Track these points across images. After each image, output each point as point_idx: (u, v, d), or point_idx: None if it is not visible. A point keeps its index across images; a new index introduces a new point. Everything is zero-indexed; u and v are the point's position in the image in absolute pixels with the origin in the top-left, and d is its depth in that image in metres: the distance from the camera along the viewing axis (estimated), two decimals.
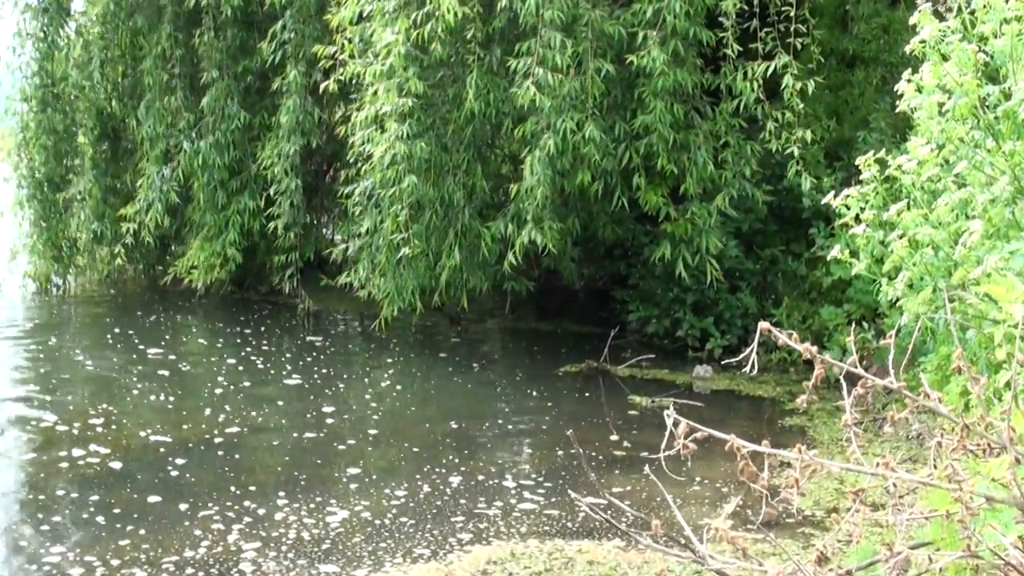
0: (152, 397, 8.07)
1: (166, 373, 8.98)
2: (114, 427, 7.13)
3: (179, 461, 6.37)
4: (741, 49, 8.42)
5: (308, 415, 7.62)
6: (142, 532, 5.26)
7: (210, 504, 5.64)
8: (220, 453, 6.57)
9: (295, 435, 7.08)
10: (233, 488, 5.91)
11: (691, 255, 8.90)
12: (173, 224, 12.84)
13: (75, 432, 7.00)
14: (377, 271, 9.23)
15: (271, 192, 11.46)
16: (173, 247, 13.82)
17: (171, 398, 8.08)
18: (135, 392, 8.24)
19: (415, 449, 6.87)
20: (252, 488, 5.93)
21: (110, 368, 9.15)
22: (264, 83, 12.01)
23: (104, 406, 7.69)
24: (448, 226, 9.09)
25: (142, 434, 6.97)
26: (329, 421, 7.46)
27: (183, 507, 5.60)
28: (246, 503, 5.69)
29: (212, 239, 11.97)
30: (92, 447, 6.62)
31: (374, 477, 6.24)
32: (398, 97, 8.37)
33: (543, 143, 8.07)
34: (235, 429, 7.15)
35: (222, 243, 11.83)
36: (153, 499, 5.72)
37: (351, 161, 9.66)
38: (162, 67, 12.28)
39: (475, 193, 9.24)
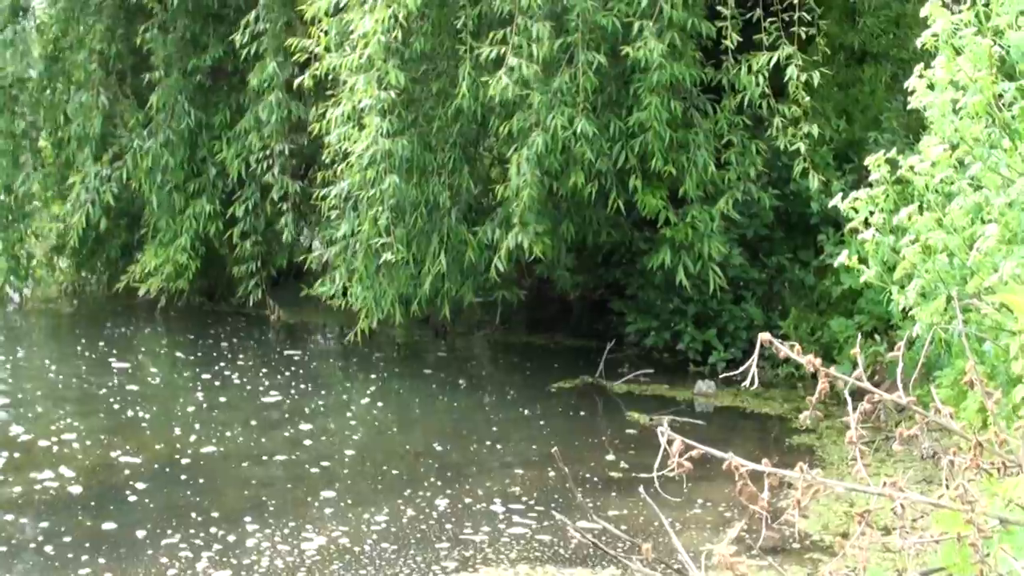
0: (118, 414, 8.04)
1: (135, 388, 8.95)
2: (76, 445, 7.10)
3: (140, 485, 6.33)
4: (742, 40, 8.42)
5: (283, 434, 7.60)
6: (101, 561, 5.23)
7: (171, 531, 5.60)
8: (184, 476, 6.54)
9: (267, 456, 7.05)
10: (195, 514, 5.88)
11: (692, 262, 8.90)
12: (134, 231, 12.79)
13: (37, 451, 6.97)
14: (354, 279, 9.17)
15: (232, 196, 11.37)
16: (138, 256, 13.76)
17: (139, 415, 8.05)
18: (101, 408, 8.21)
19: (396, 471, 6.86)
20: (216, 514, 5.90)
21: (74, 383, 9.12)
22: (218, 80, 11.98)
23: (68, 421, 7.66)
24: (432, 230, 9.05)
25: (105, 454, 6.94)
26: (306, 442, 7.44)
27: (141, 534, 5.56)
28: (213, 529, 5.67)
29: (166, 245, 11.94)
30: (48, 470, 6.58)
31: (350, 501, 6.22)
32: (378, 90, 8.35)
33: (531, 140, 8.07)
34: (205, 449, 7.13)
35: (175, 249, 11.78)
36: (108, 526, 5.68)
37: (327, 161, 9.64)
38: (99, 63, 12.23)
39: (461, 195, 9.23)
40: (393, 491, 6.42)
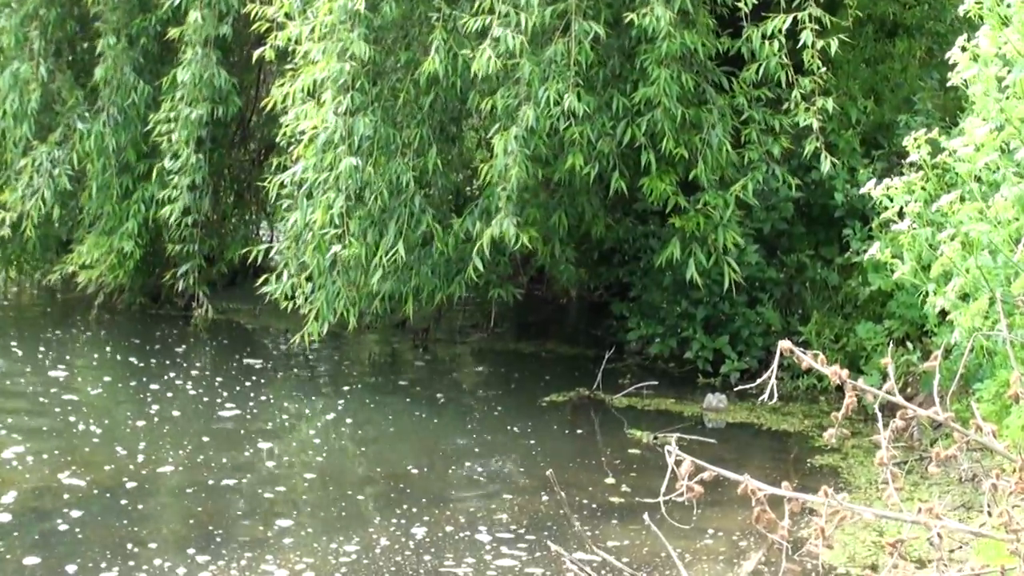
0: (59, 430, 7.98)
1: (75, 399, 8.89)
2: (11, 467, 7.03)
3: (76, 513, 6.25)
4: (757, 2, 8.32)
5: (239, 454, 7.55)
6: None
7: (105, 565, 5.53)
8: (126, 502, 6.47)
9: (219, 479, 6.99)
10: (134, 545, 5.79)
11: (705, 255, 8.86)
12: (67, 219, 12.66)
13: None
14: (303, 276, 9.06)
15: (167, 170, 11.09)
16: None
17: (81, 431, 7.99)
18: (39, 423, 8.14)
19: (364, 496, 6.81)
20: (155, 545, 5.82)
21: (6, 393, 9.04)
22: (168, 47, 11.76)
23: (1, 436, 7.61)
24: (390, 218, 8.88)
25: (41, 475, 6.88)
26: (268, 464, 7.39)
27: (71, 570, 5.49)
28: (156, 562, 5.60)
29: (110, 233, 11.84)
30: None
31: (314, 530, 6.17)
32: (338, 62, 8.28)
33: (520, 116, 8.02)
34: (152, 470, 7.07)
35: (119, 236, 11.68)
36: (32, 560, 5.61)
37: (283, 144, 9.57)
38: (38, 28, 12.08)
39: (431, 179, 9.12)
40: (363, 519, 6.38)
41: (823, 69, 8.21)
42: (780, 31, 8.21)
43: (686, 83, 8.39)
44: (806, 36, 8.07)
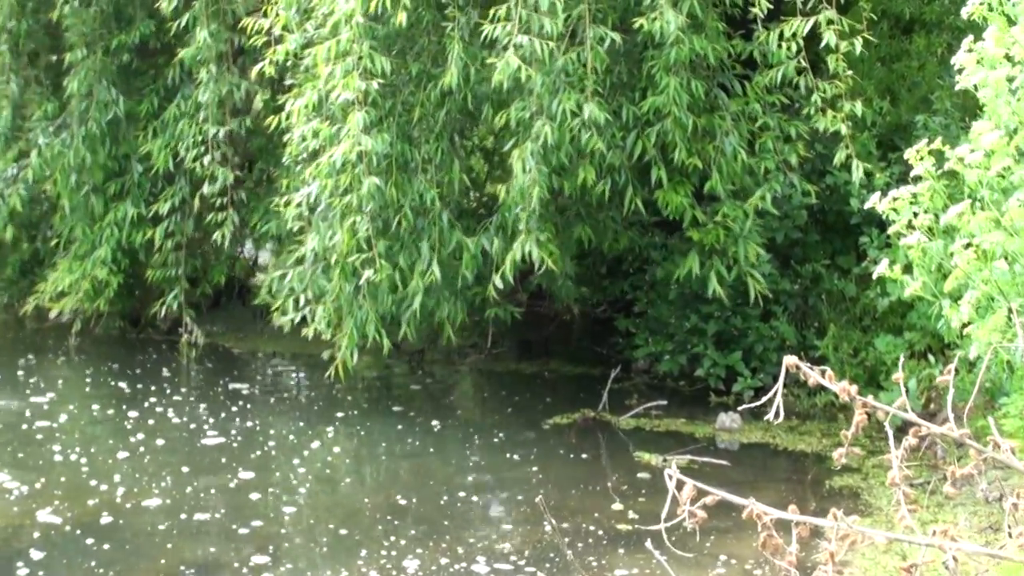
0: (34, 461, 8.04)
1: (52, 427, 8.96)
2: None
3: (36, 555, 6.25)
4: (773, 7, 8.43)
5: (221, 484, 7.60)
6: None
7: None
8: (92, 541, 6.50)
9: (199, 512, 7.03)
10: None
11: (726, 269, 8.94)
12: (37, 243, 12.74)
13: None
14: (328, 302, 9.08)
15: (155, 191, 11.27)
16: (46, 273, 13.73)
17: (59, 462, 8.05)
18: (11, 454, 8.20)
19: (353, 528, 6.83)
20: None
21: None
22: (145, 60, 11.90)
23: None
24: (420, 238, 8.95)
25: (12, 510, 6.93)
26: (253, 496, 7.43)
27: None
28: None
29: (82, 258, 11.89)
30: None
31: (292, 566, 6.21)
32: (359, 80, 8.35)
33: (536, 131, 8.08)
34: (130, 504, 7.13)
35: (93, 263, 11.72)
36: None
37: (288, 163, 9.65)
38: (7, 42, 12.11)
39: (451, 196, 9.20)
40: (350, 552, 6.40)
41: (849, 72, 8.27)
42: (799, 34, 8.26)
43: (696, 90, 8.45)
44: (829, 38, 8.12)
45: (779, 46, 8.36)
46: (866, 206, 4.83)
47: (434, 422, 9.43)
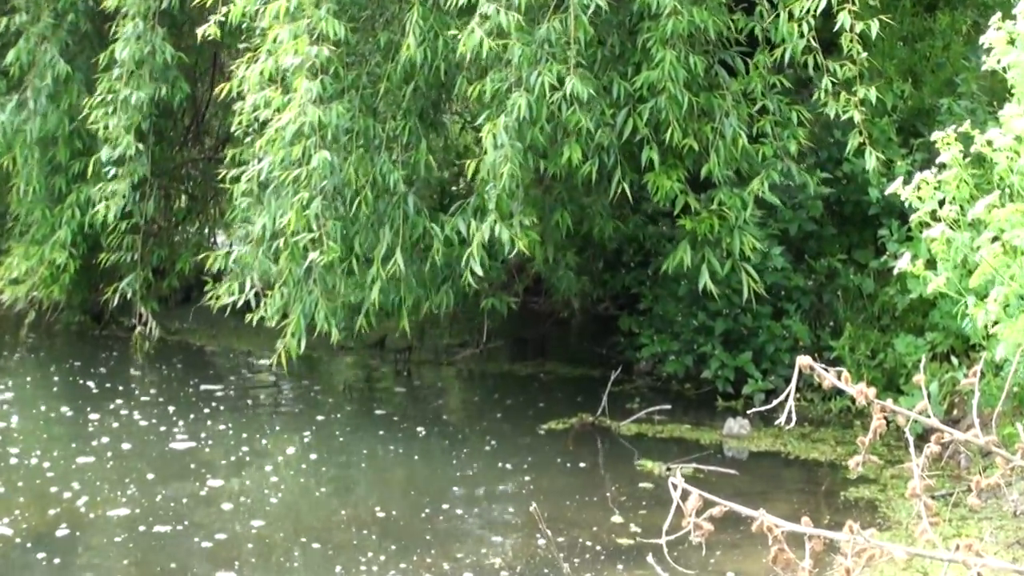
0: None
1: (4, 426, 8.93)
2: None
3: None
4: None
5: (188, 493, 7.57)
6: None
7: None
8: (43, 556, 6.47)
9: (160, 524, 6.99)
10: None
11: (720, 262, 8.92)
12: None
13: None
14: (276, 287, 9.04)
15: (101, 162, 10.86)
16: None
17: (13, 466, 8.03)
18: None
19: (327, 542, 6.80)
20: None
21: None
22: (104, 25, 11.60)
23: None
24: (381, 221, 8.89)
25: None
26: (224, 505, 7.42)
27: None
28: None
29: (41, 242, 11.75)
30: None
31: None
32: (310, 44, 8.31)
33: (511, 104, 8.06)
34: (94, 514, 7.11)
35: (52, 246, 11.58)
36: None
37: (239, 135, 9.56)
38: None
39: (419, 176, 9.15)
40: (323, 568, 6.38)
41: (864, 55, 8.24)
42: (813, 12, 8.23)
43: (695, 66, 8.43)
44: (843, 19, 8.10)
45: (788, 23, 8.32)
46: (887, 192, 4.82)
47: (420, 427, 9.42)
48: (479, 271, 8.38)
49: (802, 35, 8.31)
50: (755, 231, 8.95)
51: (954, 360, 8.57)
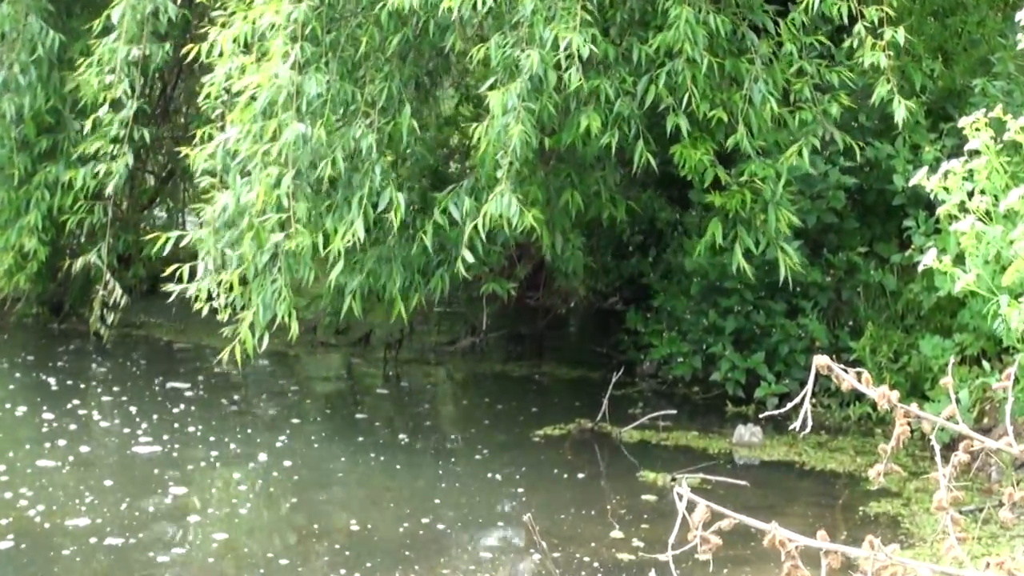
0: None
1: None
2: None
3: None
4: None
5: (149, 501, 7.57)
6: None
7: None
8: None
9: (117, 537, 6.95)
10: None
11: (754, 241, 8.79)
12: None
13: None
14: (236, 272, 8.70)
15: (81, 133, 10.79)
16: None
17: None
18: None
19: (298, 557, 6.78)
20: None
21: None
22: None
23: None
24: (349, 196, 8.58)
25: None
26: (191, 518, 7.40)
27: None
28: None
29: (5, 228, 11.62)
30: None
31: None
32: (289, 4, 8.19)
33: (524, 64, 7.94)
34: (49, 524, 7.09)
35: (19, 231, 11.47)
36: None
37: (206, 109, 9.43)
38: None
39: (404, 146, 8.92)
40: None
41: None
42: None
43: (717, 27, 8.26)
44: None
45: None
46: (911, 182, 4.81)
47: (403, 434, 9.43)
48: (470, 258, 8.19)
49: None
50: (790, 206, 8.80)
51: (985, 364, 8.56)
